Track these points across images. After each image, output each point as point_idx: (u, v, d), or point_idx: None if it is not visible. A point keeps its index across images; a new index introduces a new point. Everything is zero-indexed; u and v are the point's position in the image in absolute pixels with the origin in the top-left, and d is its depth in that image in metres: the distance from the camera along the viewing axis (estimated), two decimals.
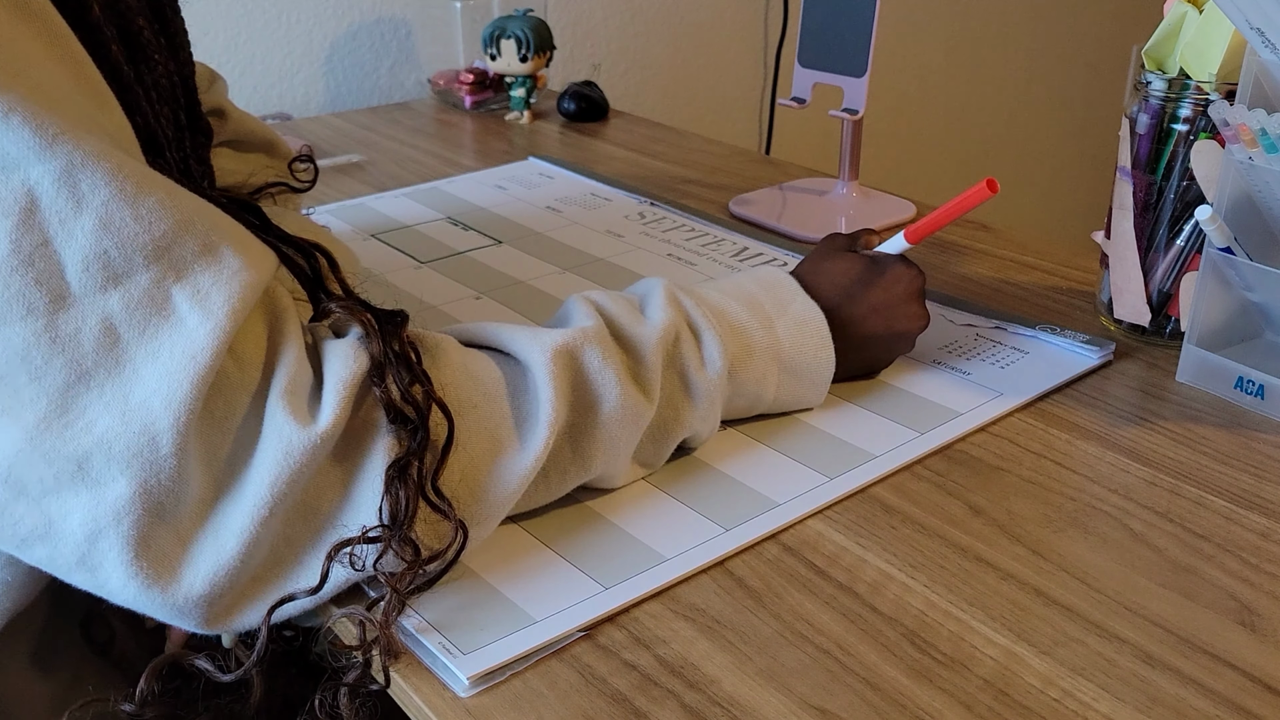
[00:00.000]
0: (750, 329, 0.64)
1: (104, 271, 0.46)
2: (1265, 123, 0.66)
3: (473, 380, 0.55)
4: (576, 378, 0.57)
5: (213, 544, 0.48)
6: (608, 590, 0.55)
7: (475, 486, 0.54)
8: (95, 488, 0.46)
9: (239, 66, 1.39)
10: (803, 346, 0.66)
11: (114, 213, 0.46)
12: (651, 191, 1.10)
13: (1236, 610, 0.54)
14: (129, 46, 0.54)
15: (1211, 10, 0.72)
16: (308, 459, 0.48)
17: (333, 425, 0.49)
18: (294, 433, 0.48)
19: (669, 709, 0.49)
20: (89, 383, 0.46)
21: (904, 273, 0.70)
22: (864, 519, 0.61)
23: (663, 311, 0.61)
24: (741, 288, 0.67)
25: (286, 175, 0.79)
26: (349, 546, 0.50)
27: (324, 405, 0.50)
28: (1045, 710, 0.48)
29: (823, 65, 1.01)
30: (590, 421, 0.57)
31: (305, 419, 0.49)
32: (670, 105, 1.78)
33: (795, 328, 0.66)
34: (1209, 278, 0.73)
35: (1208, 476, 0.65)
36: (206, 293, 0.47)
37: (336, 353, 0.51)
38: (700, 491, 0.63)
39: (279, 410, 0.49)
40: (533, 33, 1.33)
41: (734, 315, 0.64)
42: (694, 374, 0.61)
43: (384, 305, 0.55)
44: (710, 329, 0.62)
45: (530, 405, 0.55)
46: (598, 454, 0.58)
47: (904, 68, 2.06)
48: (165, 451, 0.46)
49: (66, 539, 0.47)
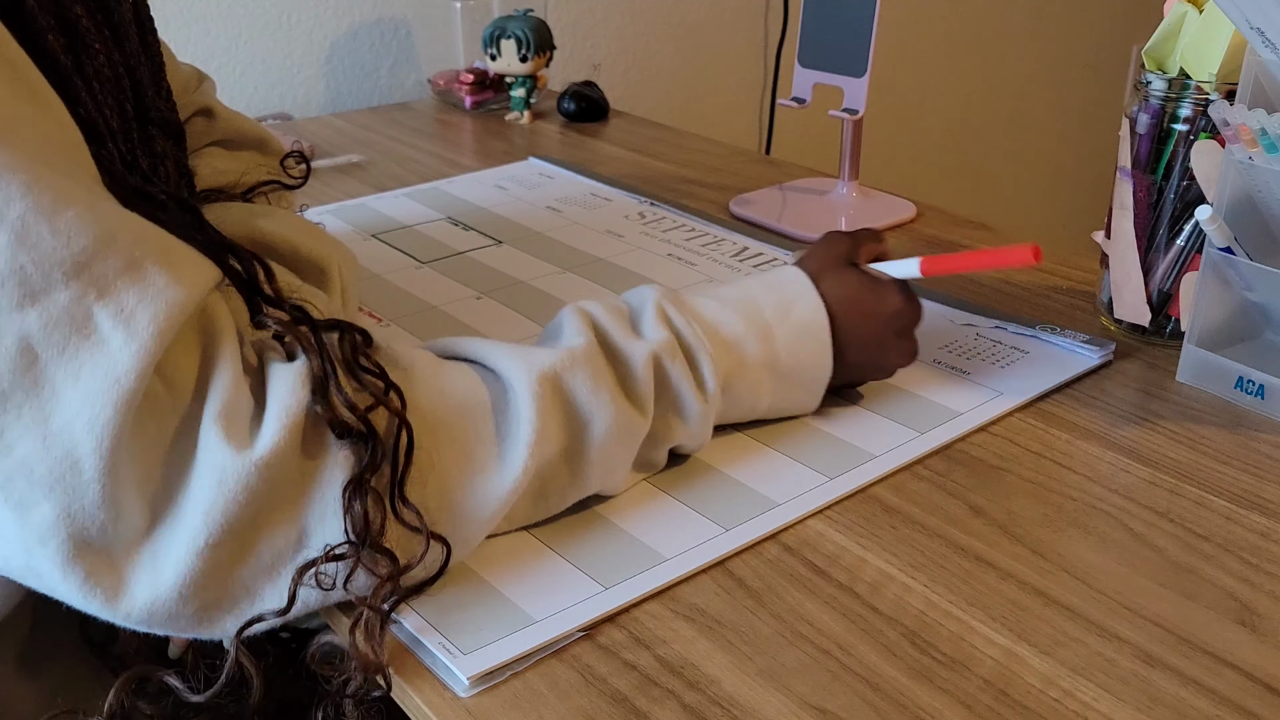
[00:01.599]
0: (745, 343, 0.63)
1: (20, 289, 0.44)
2: (1265, 123, 0.66)
3: (446, 397, 0.54)
4: (566, 401, 0.56)
5: (150, 573, 0.47)
6: (608, 590, 0.55)
7: (450, 504, 0.53)
8: (20, 510, 0.45)
9: (239, 67, 1.39)
10: (802, 355, 0.65)
11: (30, 227, 0.44)
12: (651, 191, 1.10)
13: (1236, 610, 0.54)
14: (67, 35, 0.52)
15: (1212, 10, 0.72)
16: (244, 486, 0.46)
17: (273, 451, 0.47)
18: (228, 459, 0.46)
19: (669, 709, 0.49)
20: (5, 404, 0.44)
21: (904, 308, 0.67)
22: (864, 519, 0.61)
23: (655, 329, 0.60)
24: (744, 292, 0.66)
25: (279, 173, 0.78)
26: (314, 567, 0.48)
27: (264, 430, 0.48)
28: (1045, 710, 0.48)
29: (823, 65, 1.01)
30: (585, 442, 0.57)
31: (243, 443, 0.47)
32: (670, 105, 1.78)
33: (795, 335, 0.64)
34: (1209, 278, 0.73)
35: (1208, 476, 0.65)
36: (131, 311, 0.45)
37: (281, 375, 0.49)
38: (700, 491, 0.63)
39: (212, 435, 0.47)
40: (533, 33, 1.33)
41: (728, 330, 0.63)
42: (686, 394, 0.60)
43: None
44: (703, 348, 0.61)
45: (511, 425, 0.54)
46: (595, 472, 0.58)
47: (904, 68, 2.06)
48: (89, 477, 0.44)
49: (9, 546, 0.46)
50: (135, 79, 0.59)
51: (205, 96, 0.78)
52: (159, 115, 0.64)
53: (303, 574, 0.48)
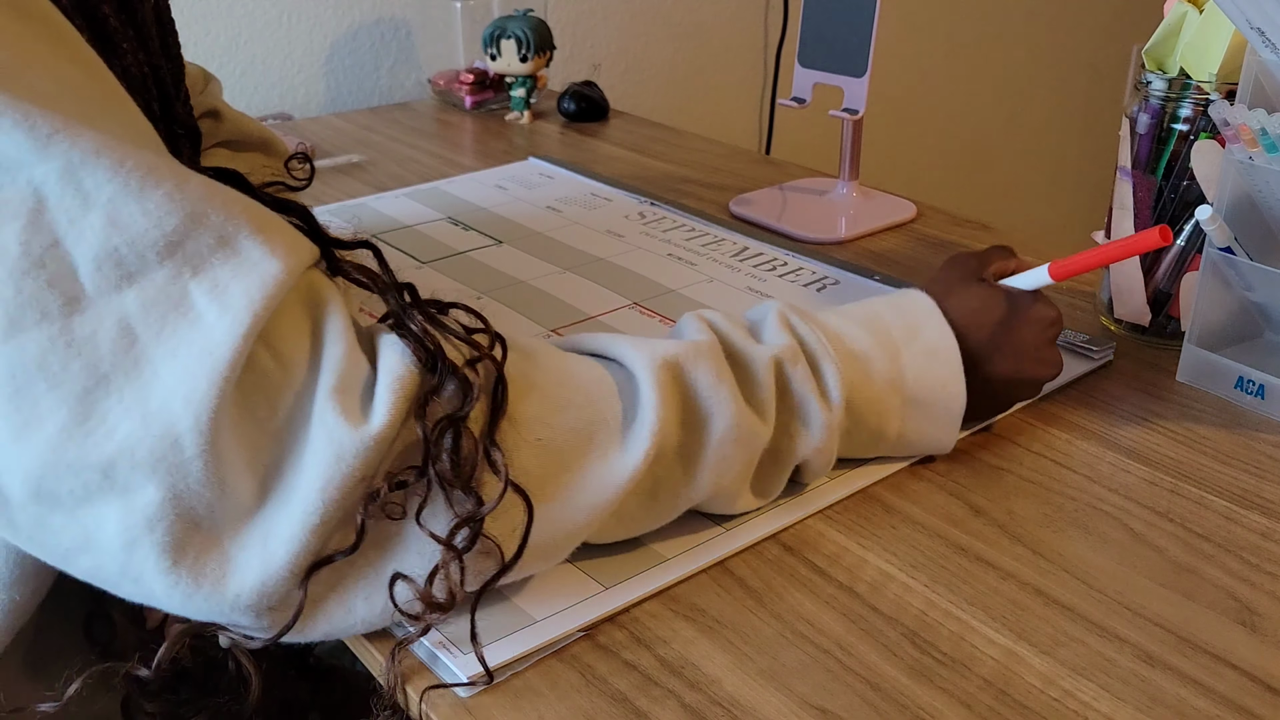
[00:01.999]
0: (871, 357, 0.60)
1: (117, 270, 0.44)
2: (1265, 123, 0.66)
3: (569, 377, 0.53)
4: (686, 393, 0.55)
5: (260, 552, 0.46)
6: (608, 590, 0.55)
7: (565, 482, 0.52)
8: (125, 495, 0.44)
9: (239, 67, 1.39)
10: (930, 379, 0.61)
11: (121, 209, 0.44)
12: (651, 191, 1.10)
13: (1236, 610, 0.54)
14: (95, 36, 0.52)
15: (1212, 10, 0.72)
16: (361, 462, 0.46)
17: (388, 425, 0.46)
18: (345, 434, 0.46)
19: (669, 709, 0.49)
20: (108, 387, 0.44)
21: (1044, 314, 0.65)
22: (864, 519, 0.61)
23: (777, 335, 0.59)
24: (870, 309, 0.63)
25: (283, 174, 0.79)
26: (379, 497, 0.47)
27: (377, 403, 0.47)
28: (1045, 710, 0.48)
29: (823, 65, 1.01)
30: (702, 440, 0.55)
31: (357, 417, 0.46)
32: (670, 105, 1.78)
33: (923, 357, 0.61)
34: (1209, 278, 0.73)
35: (1208, 476, 0.65)
36: (225, 286, 0.45)
37: (391, 345, 0.49)
38: None
39: (328, 410, 0.46)
40: (533, 33, 1.33)
41: (853, 341, 0.60)
42: (809, 401, 0.58)
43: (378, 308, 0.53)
44: (827, 355, 0.59)
45: (636, 411, 0.53)
46: (710, 474, 0.56)
47: (904, 68, 2.06)
48: (190, 454, 0.44)
49: (106, 550, 0.45)
50: (159, 80, 0.59)
51: (212, 98, 0.78)
52: (180, 119, 0.65)
53: (367, 505, 0.47)
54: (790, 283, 0.89)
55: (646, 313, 0.84)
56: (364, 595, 0.49)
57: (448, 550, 0.48)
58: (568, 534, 0.52)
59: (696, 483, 0.56)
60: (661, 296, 0.87)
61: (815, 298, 0.87)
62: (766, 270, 0.92)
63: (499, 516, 0.49)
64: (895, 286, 0.88)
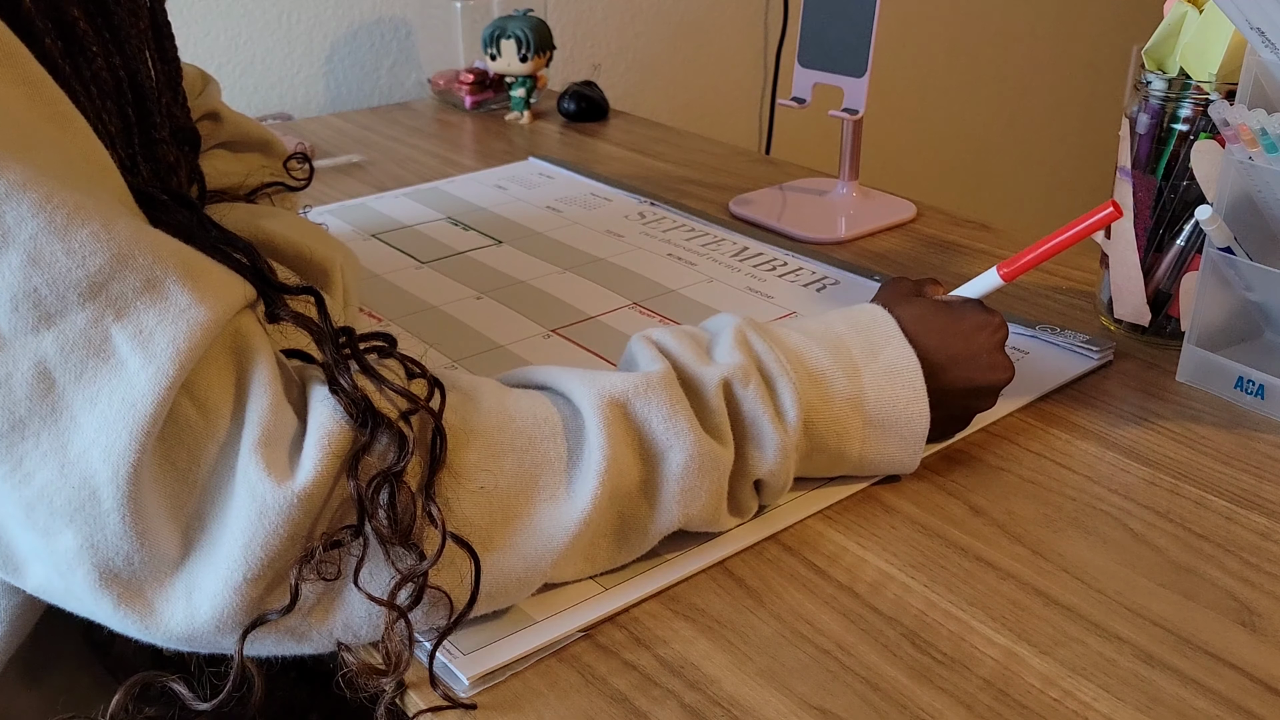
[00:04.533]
0: (830, 377, 0.58)
1: (35, 311, 0.42)
2: (1265, 123, 0.66)
3: (511, 420, 0.52)
4: (639, 429, 0.53)
5: (184, 606, 0.45)
6: (608, 591, 0.55)
7: (512, 529, 0.50)
8: (46, 536, 0.44)
9: (239, 67, 1.39)
10: (893, 398, 0.60)
11: (43, 246, 0.42)
12: (651, 191, 1.10)
13: (1236, 610, 0.54)
14: (64, 39, 0.51)
15: (1211, 10, 0.72)
16: (287, 520, 0.44)
17: (315, 482, 0.45)
18: (270, 490, 0.44)
19: (669, 709, 0.49)
20: (24, 432, 0.43)
21: (987, 319, 0.64)
22: (864, 519, 0.61)
23: (731, 354, 0.57)
24: (829, 329, 0.61)
25: (283, 175, 0.79)
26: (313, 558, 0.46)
27: (304, 460, 0.45)
28: (1045, 710, 0.48)
29: (823, 65, 1.01)
30: (662, 473, 0.54)
31: (283, 473, 0.45)
32: (670, 105, 1.78)
33: (885, 377, 0.60)
34: (1209, 278, 0.73)
35: (1208, 476, 0.65)
36: (150, 333, 0.43)
37: (322, 400, 0.47)
38: None
39: (252, 465, 0.44)
40: (533, 33, 1.33)
41: (813, 361, 0.59)
42: (761, 423, 0.56)
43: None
44: (784, 374, 0.57)
45: (583, 452, 0.52)
46: (677, 506, 0.54)
47: (904, 68, 2.06)
48: (108, 506, 0.43)
49: (46, 574, 0.45)
50: (137, 84, 0.58)
51: (211, 99, 0.78)
52: (176, 122, 0.64)
53: (302, 565, 0.46)
54: (790, 283, 0.89)
55: (646, 313, 0.84)
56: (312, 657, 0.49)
57: (391, 610, 0.47)
58: (520, 580, 0.51)
59: (664, 515, 0.54)
60: (661, 296, 0.87)
61: (815, 298, 0.87)
62: (766, 270, 0.92)
63: (445, 568, 0.48)
64: None
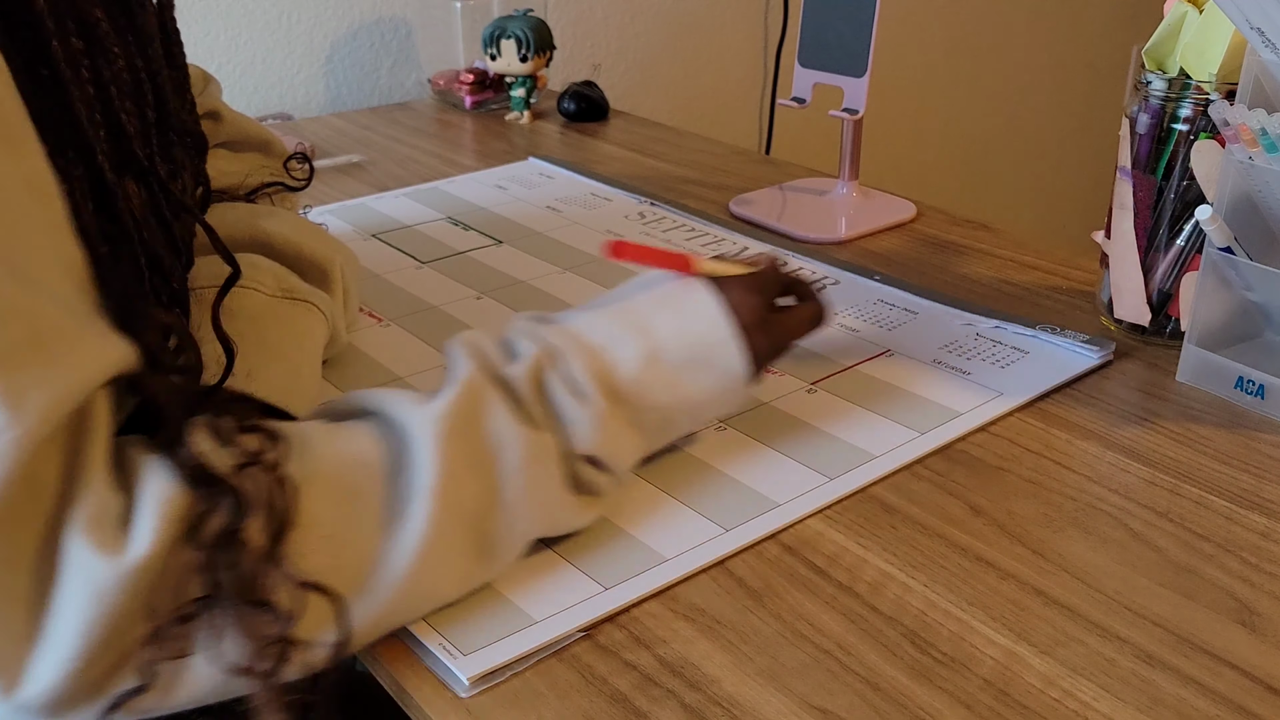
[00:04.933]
0: (614, 343, 0.59)
1: None
2: (1265, 123, 0.66)
3: (347, 465, 0.50)
4: (472, 438, 0.52)
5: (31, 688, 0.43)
6: (608, 590, 0.55)
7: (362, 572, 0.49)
8: None
9: (239, 67, 1.39)
10: (690, 337, 0.60)
11: None
12: (651, 191, 1.10)
13: (1236, 610, 0.54)
14: (85, 39, 0.50)
15: (1212, 10, 0.72)
16: (126, 595, 0.42)
17: (152, 552, 0.42)
18: (102, 568, 0.42)
19: (669, 709, 0.49)
20: None
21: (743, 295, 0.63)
22: (864, 519, 0.61)
23: (527, 347, 0.57)
24: (617, 295, 0.63)
25: (283, 175, 0.79)
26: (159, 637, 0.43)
27: (139, 530, 0.43)
28: (1045, 710, 0.48)
29: (823, 65, 1.01)
30: (502, 473, 0.53)
31: (115, 549, 0.42)
32: (670, 105, 1.78)
33: (676, 319, 0.60)
34: (1209, 278, 0.73)
35: (1208, 476, 0.65)
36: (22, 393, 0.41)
37: (156, 468, 0.45)
38: (700, 491, 0.63)
39: (81, 545, 0.42)
40: (533, 33, 1.33)
41: (591, 334, 0.59)
42: (566, 401, 0.56)
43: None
44: (571, 352, 0.57)
45: (413, 476, 0.51)
46: (525, 506, 0.54)
47: (904, 68, 2.06)
48: None
49: None
50: (158, 86, 0.58)
51: (211, 99, 0.78)
52: (183, 125, 0.64)
53: (147, 644, 0.44)
54: None
55: None
56: None
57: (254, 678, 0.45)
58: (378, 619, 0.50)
59: (517, 516, 0.54)
60: None
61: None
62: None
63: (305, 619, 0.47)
64: (895, 287, 0.88)
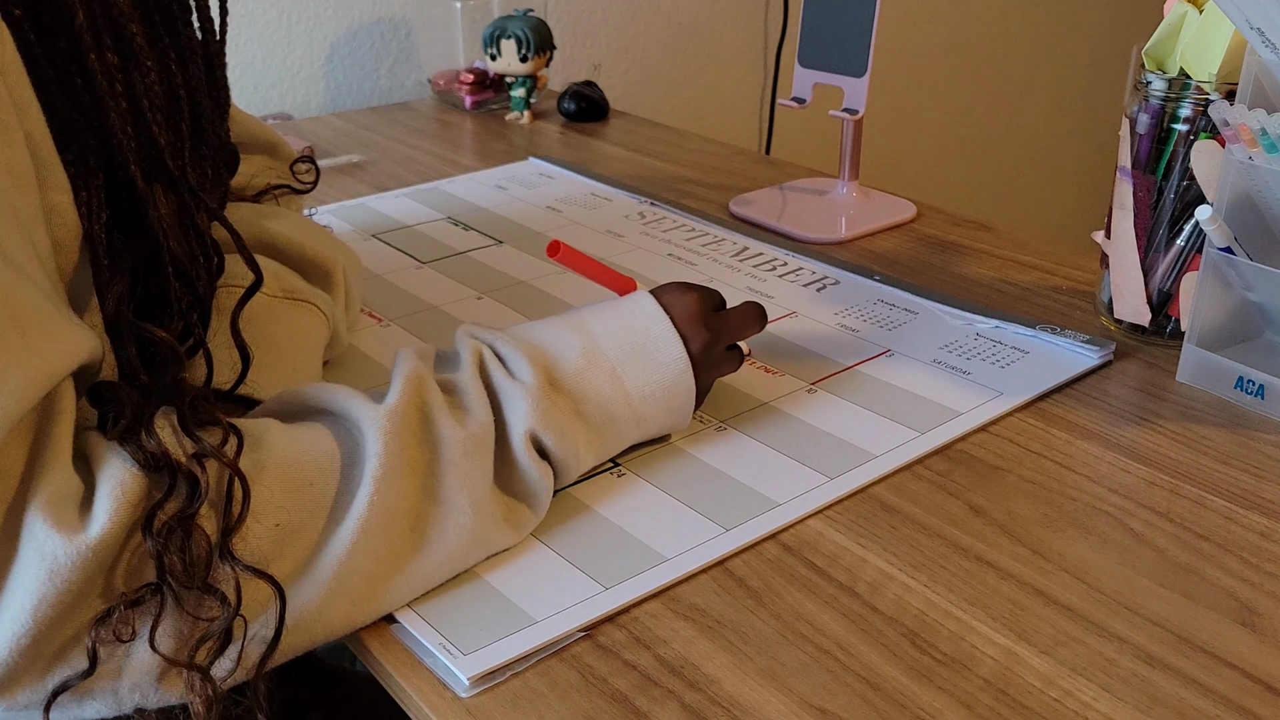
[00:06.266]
0: (556, 342, 0.61)
1: None
2: (1265, 123, 0.66)
3: (300, 458, 0.52)
4: (413, 436, 0.54)
5: None
6: (608, 590, 0.55)
7: (312, 561, 0.50)
8: None
9: (239, 67, 1.39)
10: (630, 332, 0.62)
11: None
12: (651, 191, 1.10)
13: (1236, 610, 0.54)
14: (122, 55, 0.52)
15: (1212, 10, 0.72)
16: (80, 574, 0.44)
17: (108, 532, 0.44)
18: (59, 546, 0.43)
19: (669, 709, 0.49)
20: None
21: (679, 293, 0.66)
22: (864, 519, 0.61)
23: (469, 348, 0.59)
24: (563, 314, 0.65)
25: (288, 177, 0.79)
26: (111, 618, 0.45)
27: (97, 510, 0.45)
28: (1045, 710, 0.48)
29: (823, 65, 1.01)
30: (439, 460, 0.54)
31: (73, 528, 0.44)
32: (670, 105, 1.78)
33: (613, 318, 0.63)
34: (1209, 278, 0.73)
35: (1208, 476, 0.65)
36: (2, 371, 0.42)
37: (115, 454, 0.47)
38: (700, 491, 0.63)
39: (39, 523, 0.44)
40: (533, 33, 1.33)
41: (532, 334, 0.62)
42: (505, 384, 0.58)
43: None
44: (509, 346, 0.60)
45: (359, 473, 0.52)
46: (459, 493, 0.54)
47: (904, 68, 2.06)
48: None
49: None
50: (195, 101, 0.59)
51: None
52: (218, 140, 0.65)
53: (98, 627, 0.45)
54: (790, 283, 0.89)
55: None
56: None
57: (190, 670, 0.47)
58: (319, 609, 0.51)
59: (450, 504, 0.54)
60: None
61: (815, 298, 0.87)
62: (766, 270, 0.92)
63: (249, 605, 0.48)
64: (895, 287, 0.88)
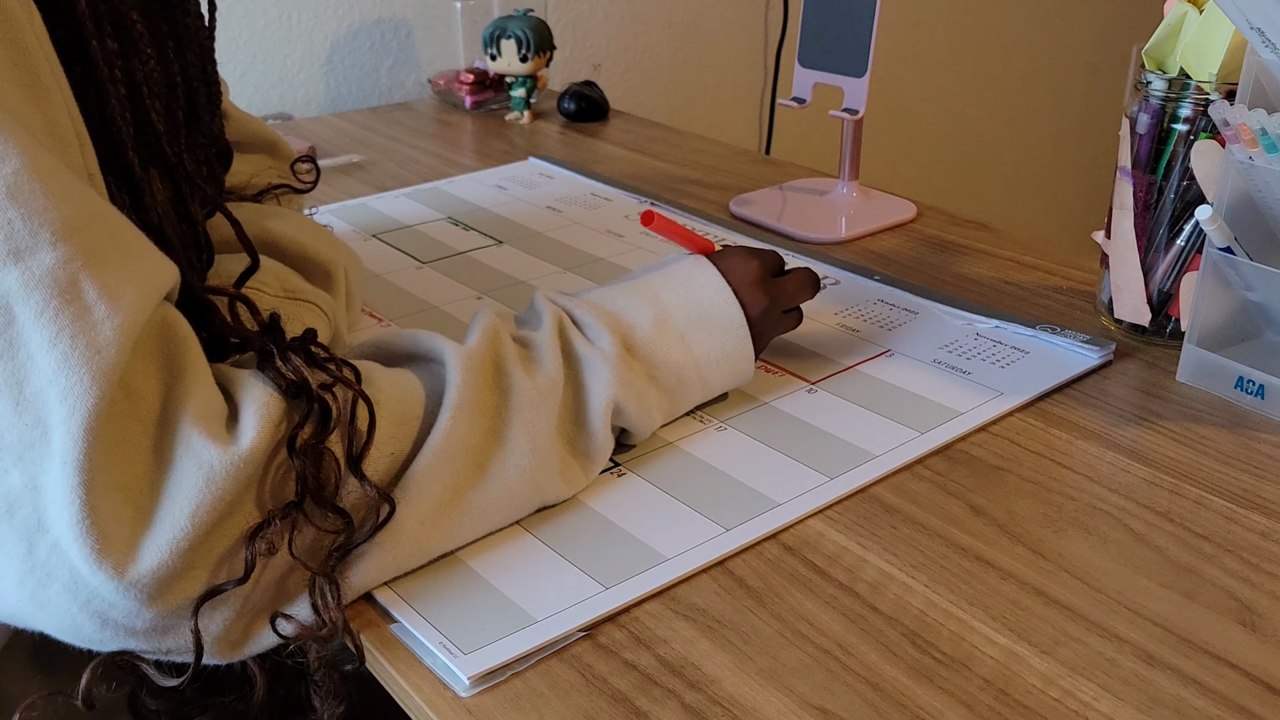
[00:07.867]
0: (630, 308, 0.65)
1: (6, 244, 0.42)
2: (1265, 123, 0.66)
3: (404, 394, 0.55)
4: (490, 371, 0.57)
5: (142, 564, 0.45)
6: (608, 590, 0.55)
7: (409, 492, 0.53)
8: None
9: (240, 67, 1.39)
10: (698, 300, 0.66)
11: (23, 183, 0.43)
12: (651, 191, 1.10)
13: (1236, 610, 0.54)
14: (121, 41, 0.53)
15: (1212, 10, 0.72)
16: (234, 483, 0.46)
17: (256, 445, 0.47)
18: (215, 455, 0.45)
19: (669, 709, 0.49)
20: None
21: (740, 260, 0.70)
22: (864, 519, 0.61)
23: (547, 311, 0.63)
24: (628, 277, 0.69)
25: (289, 176, 0.79)
26: (265, 530, 0.47)
27: (244, 426, 0.47)
28: (1045, 710, 0.48)
29: (823, 65, 1.01)
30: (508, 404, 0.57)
31: (226, 440, 0.46)
32: (670, 105, 1.78)
33: (683, 288, 0.66)
34: (1209, 278, 0.73)
35: (1208, 476, 0.65)
36: (117, 287, 0.44)
37: (255, 377, 0.50)
38: (700, 491, 0.63)
39: (195, 434, 0.46)
40: (533, 33, 1.33)
41: (608, 301, 0.65)
42: (589, 356, 0.61)
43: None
44: (587, 313, 0.63)
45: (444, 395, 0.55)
46: (521, 438, 0.57)
47: (904, 68, 2.06)
48: (57, 448, 0.43)
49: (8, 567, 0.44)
50: (191, 89, 0.59)
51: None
52: (212, 133, 0.66)
53: (254, 539, 0.47)
54: None
55: None
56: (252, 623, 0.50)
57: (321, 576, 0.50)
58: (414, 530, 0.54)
59: (512, 444, 0.57)
60: None
61: (815, 298, 0.86)
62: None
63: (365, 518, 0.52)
64: (895, 287, 0.88)
